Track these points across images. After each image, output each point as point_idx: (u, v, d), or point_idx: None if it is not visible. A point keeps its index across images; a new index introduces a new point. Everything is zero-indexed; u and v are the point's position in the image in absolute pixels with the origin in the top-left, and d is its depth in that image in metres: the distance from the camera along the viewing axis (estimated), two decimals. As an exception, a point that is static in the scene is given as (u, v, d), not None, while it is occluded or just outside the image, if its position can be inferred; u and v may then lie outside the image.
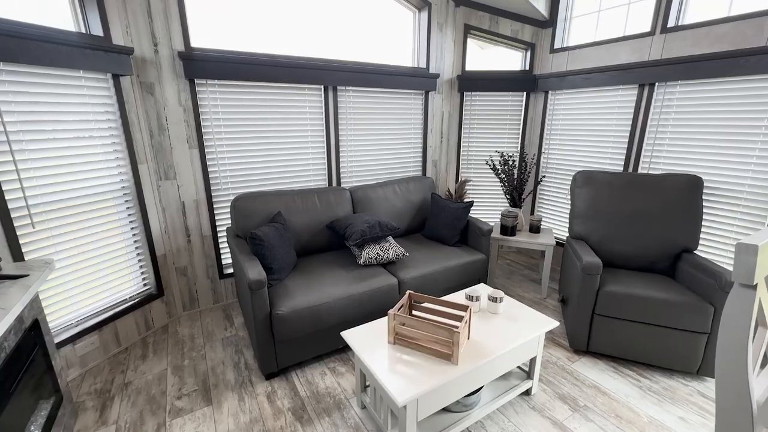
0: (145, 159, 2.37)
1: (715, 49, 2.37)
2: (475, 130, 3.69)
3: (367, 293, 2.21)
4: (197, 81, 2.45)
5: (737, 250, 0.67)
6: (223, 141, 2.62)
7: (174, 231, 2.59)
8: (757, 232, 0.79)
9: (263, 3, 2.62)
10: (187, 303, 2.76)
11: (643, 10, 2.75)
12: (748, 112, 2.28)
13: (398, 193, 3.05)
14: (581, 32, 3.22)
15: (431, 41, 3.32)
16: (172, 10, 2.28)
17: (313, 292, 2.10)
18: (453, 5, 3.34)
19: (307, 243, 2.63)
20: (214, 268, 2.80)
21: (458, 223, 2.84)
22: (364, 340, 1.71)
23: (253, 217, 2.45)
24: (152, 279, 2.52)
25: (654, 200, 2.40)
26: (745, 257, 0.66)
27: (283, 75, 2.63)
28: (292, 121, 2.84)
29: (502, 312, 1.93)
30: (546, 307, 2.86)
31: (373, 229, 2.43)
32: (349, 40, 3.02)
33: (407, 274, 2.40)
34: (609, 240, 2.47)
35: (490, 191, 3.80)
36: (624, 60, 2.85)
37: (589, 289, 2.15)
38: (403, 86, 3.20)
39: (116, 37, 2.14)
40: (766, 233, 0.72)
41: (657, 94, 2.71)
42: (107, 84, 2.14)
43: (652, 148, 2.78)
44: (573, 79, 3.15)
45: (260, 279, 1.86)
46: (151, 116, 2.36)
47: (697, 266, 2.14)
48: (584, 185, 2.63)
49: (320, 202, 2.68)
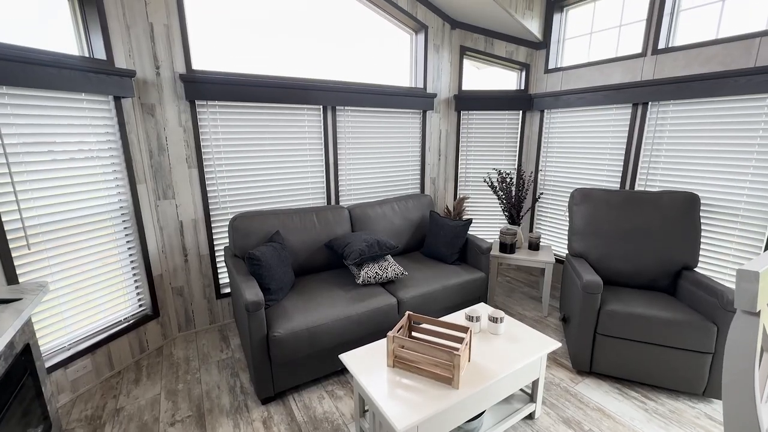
0: (144, 179, 2.38)
1: (706, 69, 2.42)
2: (472, 148, 3.73)
3: (366, 314, 2.18)
4: (198, 102, 2.48)
5: (738, 277, 0.67)
6: (223, 160, 2.64)
7: (171, 251, 2.57)
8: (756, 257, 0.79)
9: (263, 26, 2.69)
10: (183, 324, 2.71)
11: (634, 33, 2.83)
12: (742, 131, 2.32)
13: (397, 211, 3.05)
14: (574, 53, 3.30)
15: (428, 62, 3.39)
16: (175, 33, 2.33)
17: (311, 313, 2.07)
18: (449, 28, 3.43)
19: (305, 262, 2.61)
20: (211, 288, 2.77)
21: (457, 241, 2.83)
22: (363, 363, 1.67)
23: (251, 237, 2.43)
24: (148, 299, 2.49)
25: (652, 217, 2.40)
26: (746, 284, 0.65)
27: (283, 96, 2.67)
28: (291, 140, 2.86)
29: (503, 333, 1.91)
30: (547, 326, 2.82)
31: (372, 248, 2.41)
32: (348, 61, 3.09)
33: (406, 294, 2.37)
34: (608, 257, 2.46)
35: (488, 208, 3.81)
36: (617, 80, 2.91)
37: (590, 308, 2.13)
38: (401, 106, 3.25)
39: (119, 60, 2.17)
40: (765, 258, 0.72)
41: (651, 113, 2.75)
42: (109, 106, 2.16)
43: (648, 165, 2.80)
44: (568, 99, 3.21)
45: (257, 300, 1.83)
46: (151, 137, 2.38)
47: (698, 284, 2.12)
48: (582, 202, 2.64)
49: (318, 221, 2.68)
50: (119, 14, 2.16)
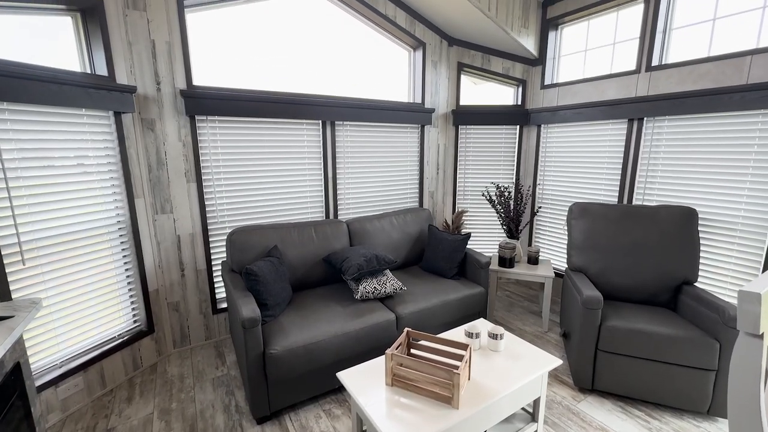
0: (142, 193, 2.37)
1: (699, 86, 2.46)
2: (470, 162, 3.75)
3: (364, 330, 2.15)
4: (198, 117, 2.50)
5: (740, 299, 0.66)
6: (221, 175, 2.64)
7: (168, 265, 2.55)
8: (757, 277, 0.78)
9: (264, 42, 2.73)
10: (178, 340, 2.67)
11: (627, 50, 2.89)
12: (737, 146, 2.34)
13: (395, 225, 3.05)
14: (570, 69, 3.35)
15: (426, 78, 3.44)
16: (176, 50, 2.37)
17: (308, 330, 2.04)
18: (446, 45, 3.50)
19: (303, 277, 2.59)
20: (207, 303, 2.74)
21: (456, 255, 2.82)
22: (361, 381, 1.64)
23: (249, 251, 2.42)
24: (143, 315, 2.45)
25: (650, 232, 2.40)
26: (748, 306, 0.65)
27: (283, 111, 2.70)
28: (290, 154, 2.88)
29: (503, 349, 1.88)
30: (548, 342, 2.78)
31: (370, 263, 2.40)
32: (347, 77, 3.13)
33: (405, 309, 2.35)
34: (608, 272, 2.45)
35: (487, 222, 3.81)
36: (612, 96, 2.95)
37: (591, 324, 2.11)
38: (399, 120, 3.28)
39: (120, 76, 2.20)
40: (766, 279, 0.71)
41: (646, 128, 2.78)
42: (109, 121, 2.18)
43: (645, 179, 2.82)
44: (564, 114, 3.25)
45: (254, 317, 1.81)
46: (150, 151, 2.39)
47: (699, 299, 2.11)
48: (580, 217, 2.64)
49: (317, 235, 2.67)
50: (122, 32, 2.19)
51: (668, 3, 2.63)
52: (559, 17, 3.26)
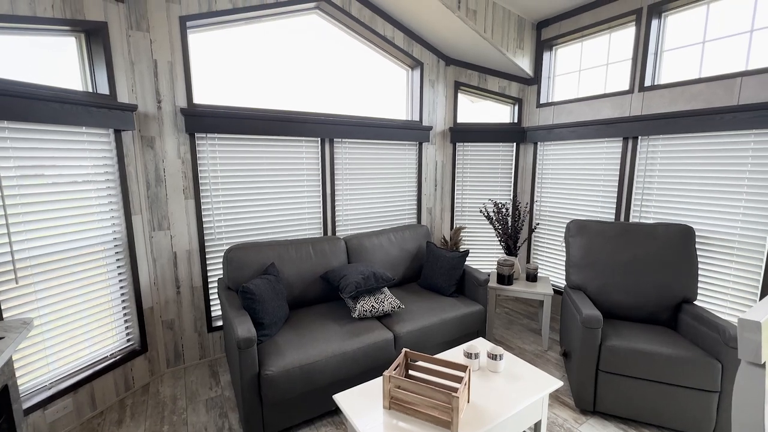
0: (139, 210, 2.37)
1: (691, 106, 2.51)
2: (468, 179, 3.78)
3: (361, 349, 2.11)
4: (197, 134, 2.52)
5: (740, 327, 0.65)
6: (220, 191, 2.65)
7: (164, 282, 2.52)
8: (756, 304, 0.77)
9: (264, 61, 2.78)
10: (172, 359, 2.62)
11: (621, 71, 2.95)
12: (731, 165, 2.37)
13: (393, 241, 3.04)
14: (565, 88, 3.42)
15: (424, 96, 3.50)
16: (178, 69, 2.40)
17: (304, 350, 2.01)
18: (444, 64, 3.57)
19: (301, 294, 2.56)
20: (202, 321, 2.70)
21: (455, 273, 2.81)
22: (358, 404, 1.60)
23: (246, 269, 2.40)
24: (137, 334, 2.41)
25: (648, 250, 2.40)
26: (749, 334, 0.64)
27: (282, 129, 2.73)
28: (289, 171, 2.89)
29: (502, 370, 1.85)
30: (548, 361, 2.74)
31: (368, 281, 2.38)
32: (346, 95, 3.18)
33: (403, 328, 2.32)
34: (607, 290, 2.43)
35: (485, 238, 3.81)
36: (606, 115, 3.00)
37: (591, 343, 2.08)
38: (397, 138, 3.32)
39: (121, 94, 2.22)
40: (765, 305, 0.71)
41: (641, 147, 2.82)
42: (109, 138, 2.19)
43: (642, 197, 2.84)
44: (560, 132, 3.29)
45: (250, 337, 1.78)
46: (149, 168, 2.39)
47: (700, 318, 2.09)
48: (578, 234, 2.64)
49: (315, 252, 2.65)
50: (125, 51, 2.23)
51: (659, 26, 2.70)
52: (553, 39, 3.34)
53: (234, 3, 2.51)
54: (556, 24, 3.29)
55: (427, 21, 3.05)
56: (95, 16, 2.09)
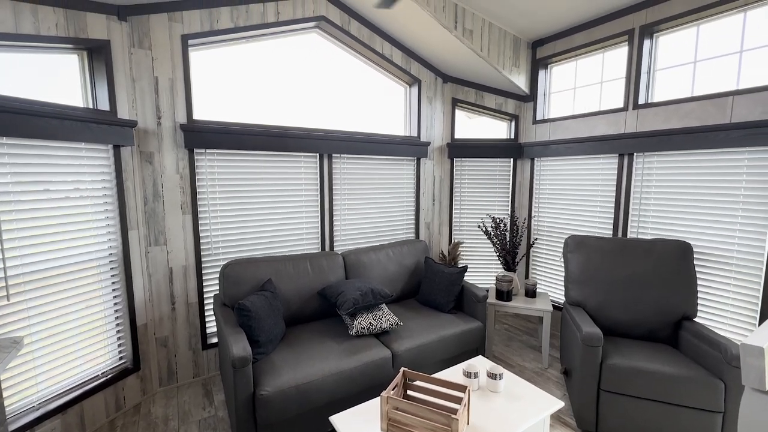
0: (136, 225, 2.35)
1: (685, 124, 2.55)
2: (466, 194, 3.79)
3: (359, 368, 2.07)
4: (196, 150, 2.53)
5: (743, 353, 0.65)
6: (218, 207, 2.64)
7: (159, 298, 2.49)
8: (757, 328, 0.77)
9: (264, 78, 2.82)
10: (165, 377, 2.56)
11: (615, 88, 3.01)
12: (726, 181, 2.39)
13: (391, 257, 3.02)
14: (561, 105, 3.47)
15: (422, 112, 3.54)
16: (179, 86, 2.43)
17: (301, 368, 1.97)
18: (441, 81, 3.63)
19: (298, 311, 2.53)
20: (197, 338, 2.65)
21: (453, 289, 2.78)
22: (355, 426, 1.56)
23: (243, 285, 2.37)
24: (129, 351, 2.36)
25: (647, 266, 2.40)
26: (752, 360, 0.63)
27: (281, 144, 2.74)
28: (287, 187, 2.89)
29: (502, 390, 1.81)
30: (548, 379, 2.70)
31: (366, 297, 2.35)
32: (345, 111, 3.22)
33: (401, 346, 2.28)
34: (606, 306, 2.42)
35: (483, 253, 3.80)
36: (602, 131, 3.04)
37: (592, 362, 2.05)
38: (395, 153, 3.34)
39: (122, 110, 2.24)
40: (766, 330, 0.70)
41: (636, 163, 2.85)
42: (107, 154, 2.19)
43: (639, 213, 2.85)
44: (556, 148, 3.33)
45: (245, 356, 1.74)
46: (147, 183, 2.39)
47: (700, 336, 2.07)
48: (576, 250, 2.64)
49: (312, 268, 2.63)
50: (126, 69, 2.25)
51: (651, 46, 2.77)
52: (548, 57, 3.41)
53: (235, 22, 2.56)
54: (551, 43, 3.37)
55: (425, 40, 3.11)
56: (98, 35, 2.12)
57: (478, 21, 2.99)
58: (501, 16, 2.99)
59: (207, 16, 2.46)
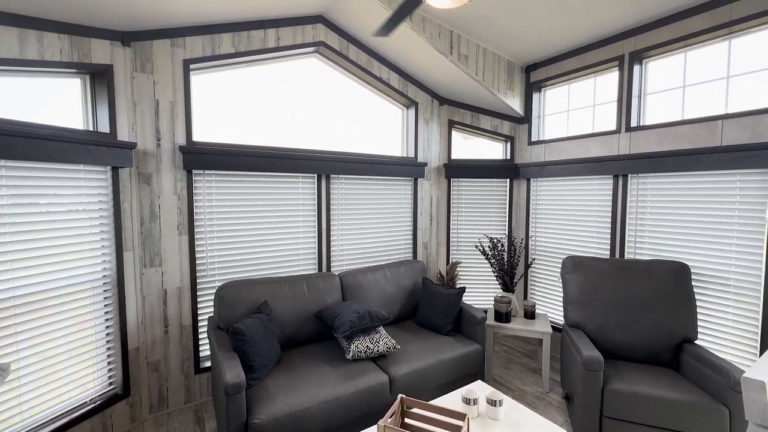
0: (131, 246, 2.34)
1: (677, 146, 2.59)
2: (463, 214, 3.80)
3: (355, 394, 2.02)
4: (194, 171, 2.54)
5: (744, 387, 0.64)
6: (214, 227, 2.63)
7: (152, 321, 2.44)
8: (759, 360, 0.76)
9: (263, 100, 2.87)
10: (155, 404, 2.48)
11: (608, 111, 3.07)
12: (720, 203, 2.41)
13: (389, 277, 3.00)
14: (555, 127, 3.53)
15: (419, 134, 3.59)
16: (179, 109, 2.46)
17: (295, 395, 1.92)
18: (437, 103, 3.70)
19: (293, 334, 2.49)
20: (190, 362, 2.58)
21: (451, 311, 2.75)
22: (351, 457, 1.51)
23: (238, 307, 2.34)
24: (119, 377, 2.30)
25: (646, 287, 2.39)
26: (754, 395, 0.62)
27: (279, 165, 2.76)
28: (285, 207, 2.90)
29: (502, 417, 1.76)
30: (550, 404, 2.63)
31: (363, 320, 2.32)
32: (343, 132, 3.26)
33: (399, 370, 2.23)
34: (606, 328, 2.39)
35: (481, 273, 3.78)
36: (596, 153, 3.08)
37: (593, 387, 2.01)
38: (393, 174, 3.37)
39: (122, 133, 2.26)
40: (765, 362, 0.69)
41: (631, 184, 2.88)
42: (105, 175, 2.20)
43: (635, 233, 2.86)
44: (552, 169, 3.37)
45: (238, 383, 1.70)
46: (144, 204, 2.39)
47: (702, 360, 2.04)
48: (574, 271, 2.63)
49: (309, 289, 2.60)
50: (128, 92, 2.29)
51: (640, 71, 2.85)
52: (542, 81, 3.50)
53: (236, 47, 2.62)
54: (544, 68, 3.46)
55: (421, 64, 3.19)
56: (101, 60, 2.16)
57: (473, 47, 3.08)
58: (494, 42, 3.09)
59: (209, 41, 2.53)
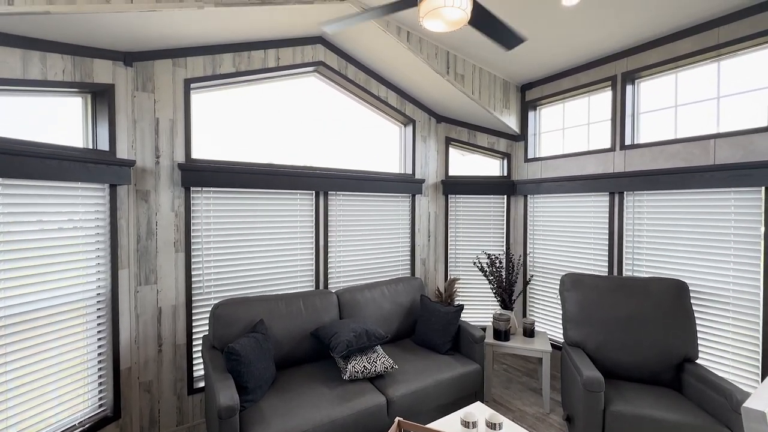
0: (127, 264, 2.32)
1: (671, 164, 2.63)
2: (461, 230, 3.81)
3: (351, 417, 1.98)
4: (192, 188, 2.54)
5: (745, 417, 0.62)
6: (211, 245, 2.62)
7: (145, 340, 2.40)
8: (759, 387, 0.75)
9: (262, 117, 2.90)
10: (147, 426, 2.41)
11: (602, 129, 3.12)
12: (715, 220, 2.43)
13: (386, 295, 2.98)
14: (551, 144, 3.58)
15: (416, 151, 3.63)
16: (179, 127, 2.49)
17: (290, 417, 1.87)
18: (435, 121, 3.75)
19: (289, 353, 2.45)
20: (183, 382, 2.53)
21: (450, 329, 2.72)
22: (347, 484, 1.46)
23: (234, 326, 2.31)
24: (110, 398, 2.24)
25: (645, 305, 2.38)
26: (755, 425, 0.61)
27: (277, 182, 2.77)
28: (282, 224, 2.89)
29: (502, 441, 1.72)
30: (551, 426, 2.58)
31: (360, 339, 2.29)
32: (341, 149, 3.29)
33: (397, 391, 2.19)
34: (606, 347, 2.36)
35: (480, 290, 3.75)
36: (591, 170, 3.12)
37: (595, 408, 1.98)
38: (390, 191, 3.38)
39: (121, 150, 2.27)
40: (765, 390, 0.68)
41: (627, 201, 2.90)
42: (103, 193, 2.20)
43: (632, 251, 2.86)
44: (548, 186, 3.39)
45: (232, 405, 1.66)
46: (141, 222, 2.38)
47: (704, 381, 2.02)
48: (573, 288, 2.62)
49: (305, 308, 2.58)
50: (128, 110, 2.31)
51: (633, 91, 2.91)
52: (537, 100, 3.57)
53: (237, 67, 2.67)
54: (539, 87, 3.53)
55: (419, 83, 3.25)
56: (103, 79, 2.20)
57: (469, 66, 3.14)
58: (490, 62, 3.16)
59: (210, 61, 2.57)
